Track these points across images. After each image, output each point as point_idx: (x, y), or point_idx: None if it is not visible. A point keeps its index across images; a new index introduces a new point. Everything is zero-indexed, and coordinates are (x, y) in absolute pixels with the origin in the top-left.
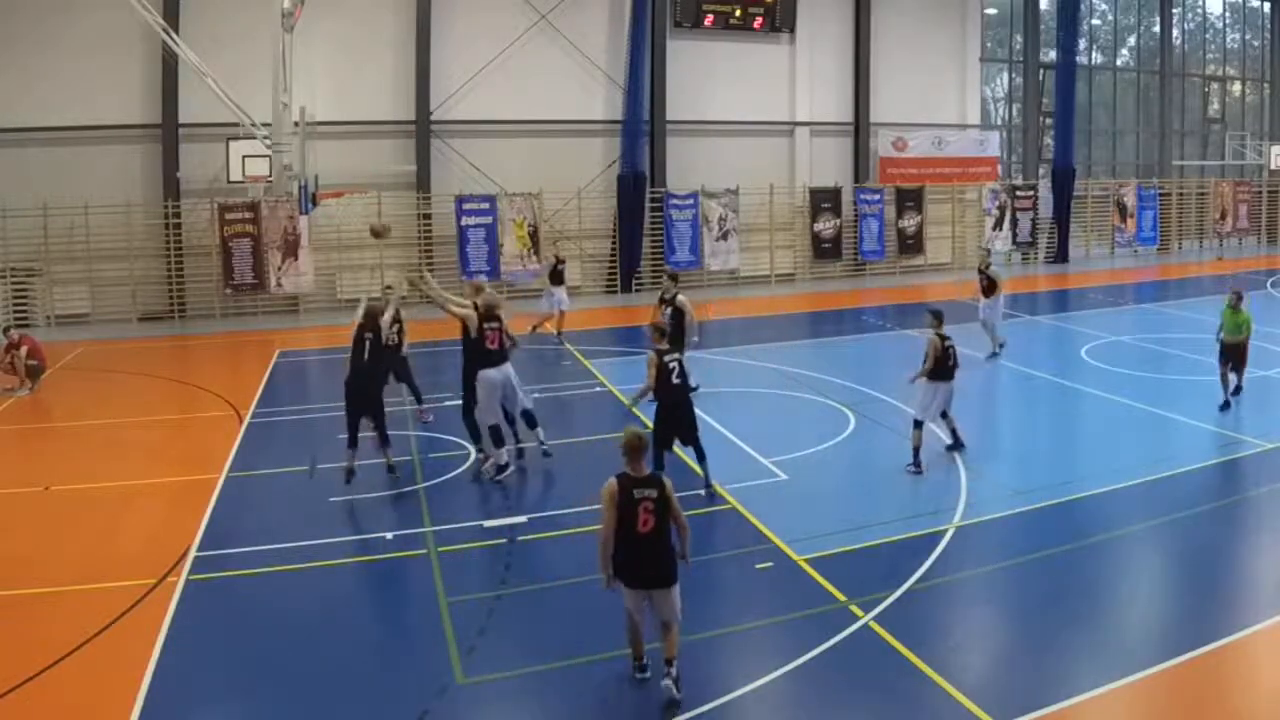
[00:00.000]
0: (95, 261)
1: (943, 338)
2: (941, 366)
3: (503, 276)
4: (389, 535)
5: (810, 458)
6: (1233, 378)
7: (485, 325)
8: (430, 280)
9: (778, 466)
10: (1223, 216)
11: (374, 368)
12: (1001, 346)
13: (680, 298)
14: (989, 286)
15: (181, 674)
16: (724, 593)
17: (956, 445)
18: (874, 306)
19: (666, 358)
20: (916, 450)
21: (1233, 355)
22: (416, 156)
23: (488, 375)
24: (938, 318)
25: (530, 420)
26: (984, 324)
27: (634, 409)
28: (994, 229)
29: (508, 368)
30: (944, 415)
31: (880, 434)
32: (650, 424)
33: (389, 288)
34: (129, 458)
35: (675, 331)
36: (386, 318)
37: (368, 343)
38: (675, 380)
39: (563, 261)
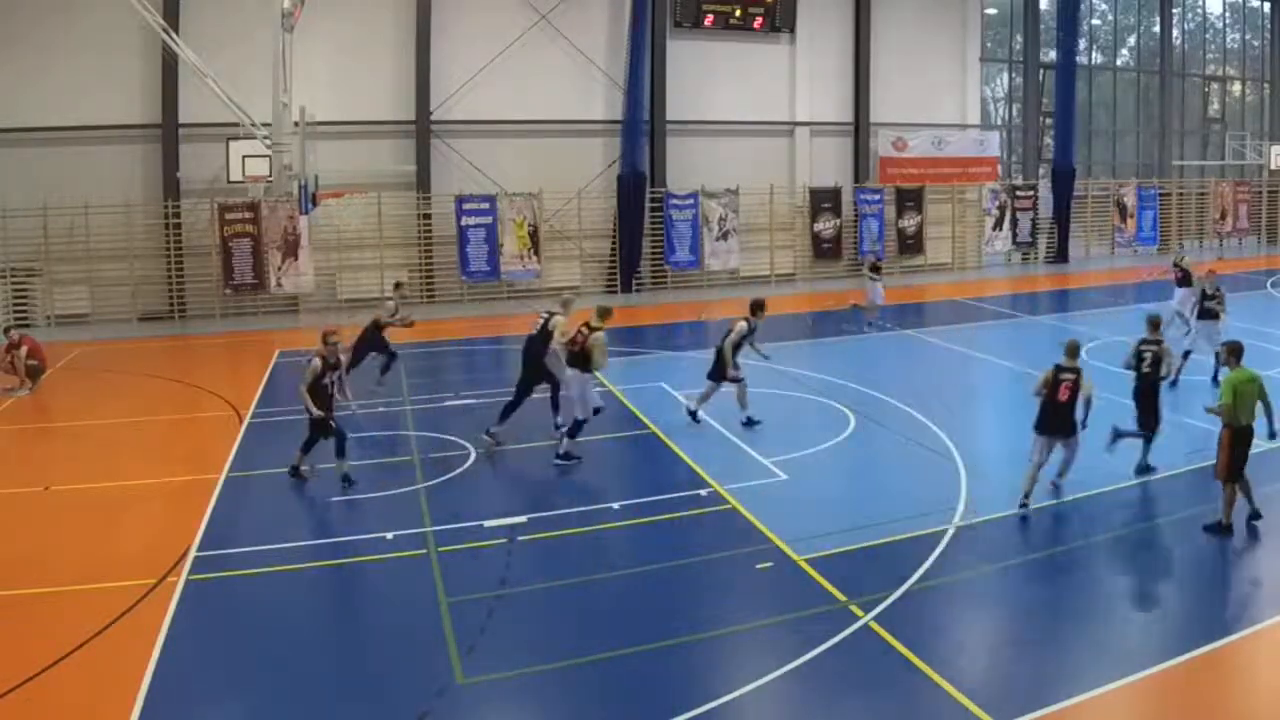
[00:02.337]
0: (95, 261)
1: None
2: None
3: (502, 276)
4: (389, 535)
5: (810, 458)
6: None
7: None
8: None
9: (778, 466)
10: (1223, 216)
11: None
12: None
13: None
14: (1183, 278)
15: (181, 674)
16: (724, 593)
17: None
18: None
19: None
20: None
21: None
22: (416, 156)
23: None
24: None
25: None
26: (1178, 314)
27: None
28: (994, 229)
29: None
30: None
31: (880, 434)
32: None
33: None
34: (129, 458)
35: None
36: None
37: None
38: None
39: (880, 258)
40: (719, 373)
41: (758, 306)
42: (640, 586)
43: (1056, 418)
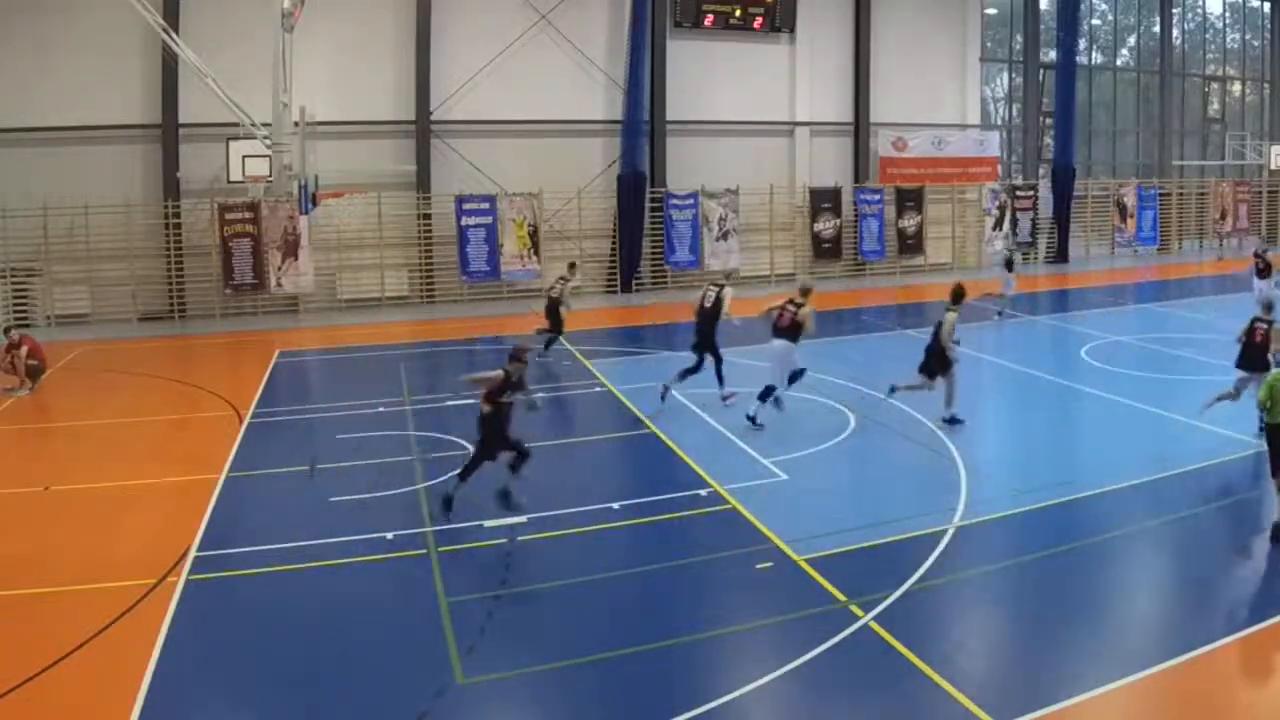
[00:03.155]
0: (95, 261)
1: None
2: None
3: (502, 276)
4: (389, 535)
5: (810, 458)
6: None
7: None
8: None
9: (778, 466)
10: (1223, 216)
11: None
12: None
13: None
14: (1264, 268)
15: (181, 674)
16: (724, 593)
17: None
18: (874, 306)
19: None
20: None
21: None
22: (416, 156)
23: None
24: None
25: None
26: (1259, 302)
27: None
28: (994, 229)
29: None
30: None
31: (880, 434)
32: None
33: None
34: (129, 458)
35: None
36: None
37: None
38: None
39: (1013, 250)
40: (936, 367)
41: (960, 294)
42: (640, 586)
43: (1252, 356)
